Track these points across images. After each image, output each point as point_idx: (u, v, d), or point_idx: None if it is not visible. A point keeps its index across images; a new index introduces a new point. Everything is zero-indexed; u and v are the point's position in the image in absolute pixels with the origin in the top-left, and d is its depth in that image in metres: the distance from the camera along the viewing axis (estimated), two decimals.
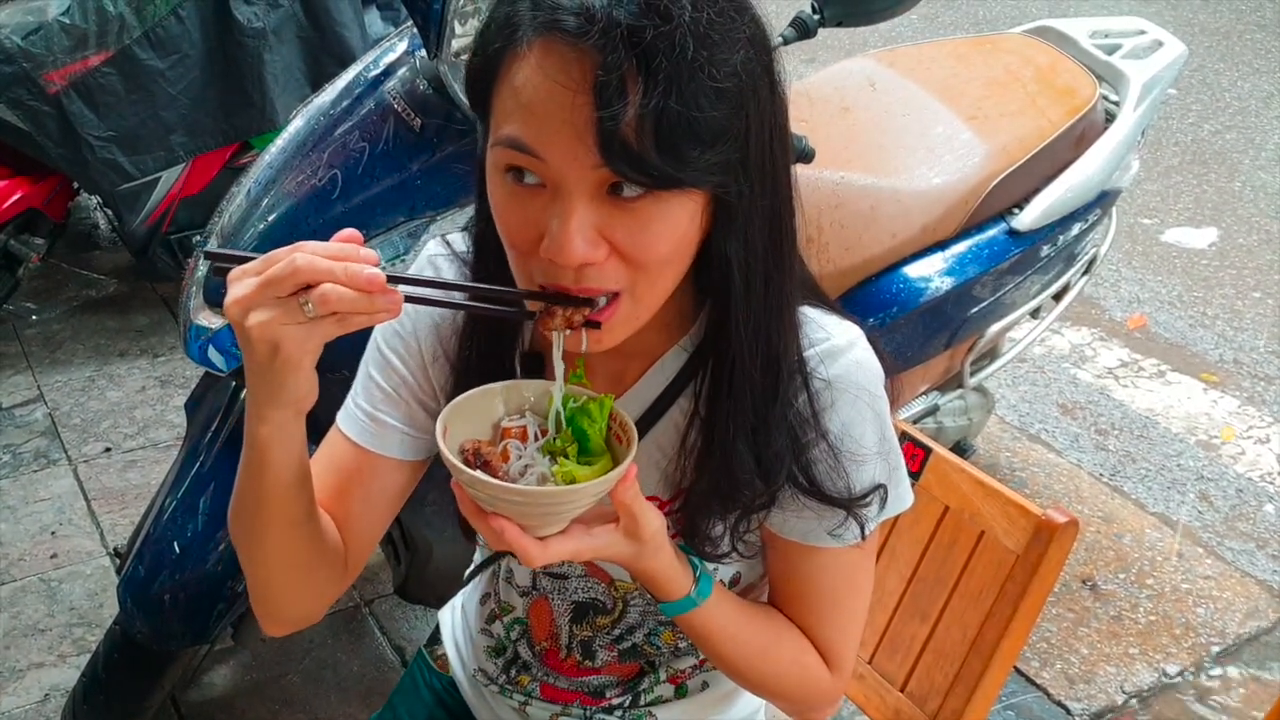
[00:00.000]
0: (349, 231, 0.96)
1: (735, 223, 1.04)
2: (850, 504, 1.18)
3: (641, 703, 1.41)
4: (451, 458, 1.02)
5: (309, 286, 0.92)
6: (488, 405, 1.11)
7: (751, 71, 0.99)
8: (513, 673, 1.45)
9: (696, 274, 1.08)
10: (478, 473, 1.01)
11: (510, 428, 1.09)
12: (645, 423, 1.22)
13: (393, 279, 0.96)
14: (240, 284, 0.93)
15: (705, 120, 0.94)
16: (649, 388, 1.22)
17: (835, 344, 1.16)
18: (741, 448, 1.14)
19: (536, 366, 1.24)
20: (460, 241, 1.26)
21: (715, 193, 1.01)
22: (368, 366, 1.30)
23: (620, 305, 1.03)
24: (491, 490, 1.00)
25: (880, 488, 1.20)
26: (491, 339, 1.22)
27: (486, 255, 1.18)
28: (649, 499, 1.22)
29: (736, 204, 1.02)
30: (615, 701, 1.41)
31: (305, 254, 0.92)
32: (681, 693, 1.42)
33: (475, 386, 1.19)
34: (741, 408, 1.12)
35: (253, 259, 0.95)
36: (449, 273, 1.26)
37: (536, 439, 1.09)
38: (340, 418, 1.29)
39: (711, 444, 1.16)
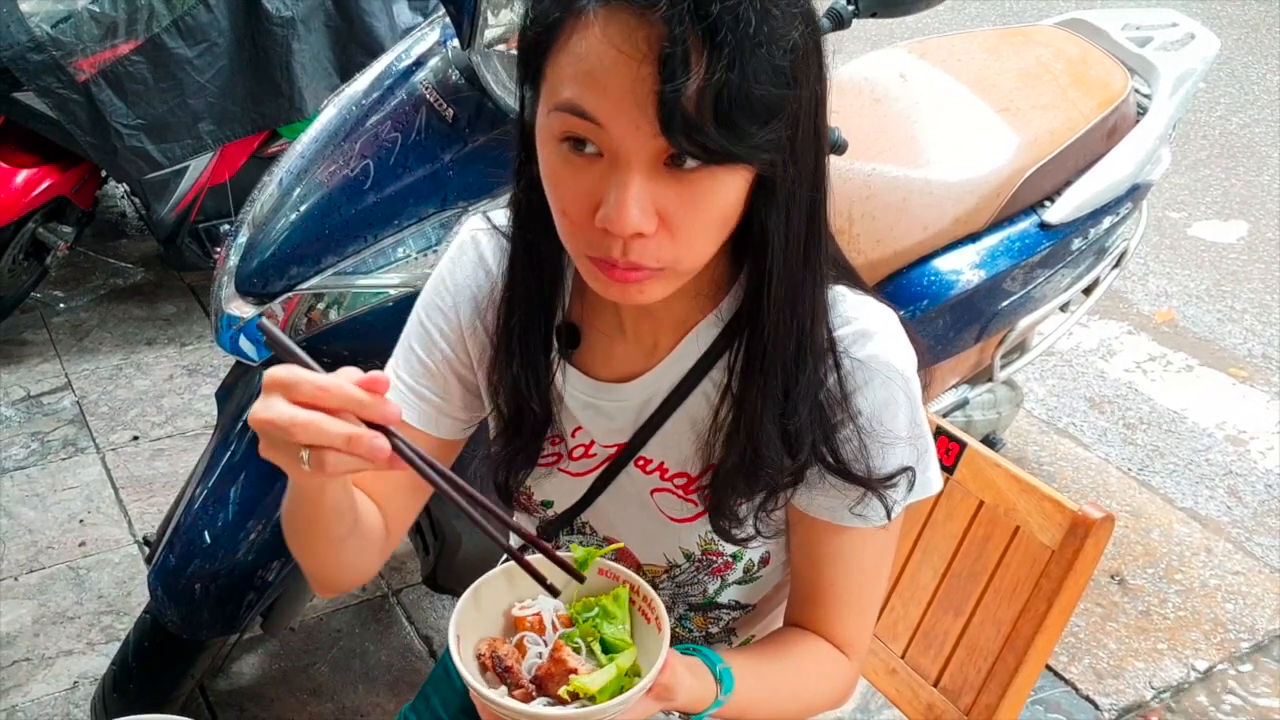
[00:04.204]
0: (376, 377, 0.95)
1: (777, 198, 1.04)
2: (876, 484, 1.18)
3: None
4: (474, 682, 1.00)
5: None
6: (495, 593, 1.08)
7: (805, 49, 0.98)
8: None
9: (732, 242, 1.08)
10: (507, 700, 0.99)
11: (524, 617, 1.07)
12: (679, 395, 1.23)
13: (398, 448, 0.95)
14: (261, 402, 0.94)
15: (763, 96, 0.94)
16: (683, 358, 1.22)
17: (868, 326, 1.16)
18: (769, 424, 1.14)
19: (573, 339, 1.25)
20: (501, 217, 1.27)
21: (764, 170, 1.00)
22: (409, 340, 1.32)
23: (659, 274, 1.04)
24: (521, 718, 0.99)
25: (908, 470, 1.20)
26: (530, 311, 1.23)
27: (525, 234, 1.19)
28: (680, 474, 1.25)
29: (780, 180, 1.02)
30: None
31: (309, 417, 0.92)
32: None
33: (513, 358, 1.22)
34: (772, 384, 1.13)
35: (298, 356, 0.95)
36: (489, 248, 1.28)
37: (555, 628, 1.06)
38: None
39: (739, 420, 1.16)
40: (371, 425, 0.95)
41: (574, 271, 1.25)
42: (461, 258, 1.30)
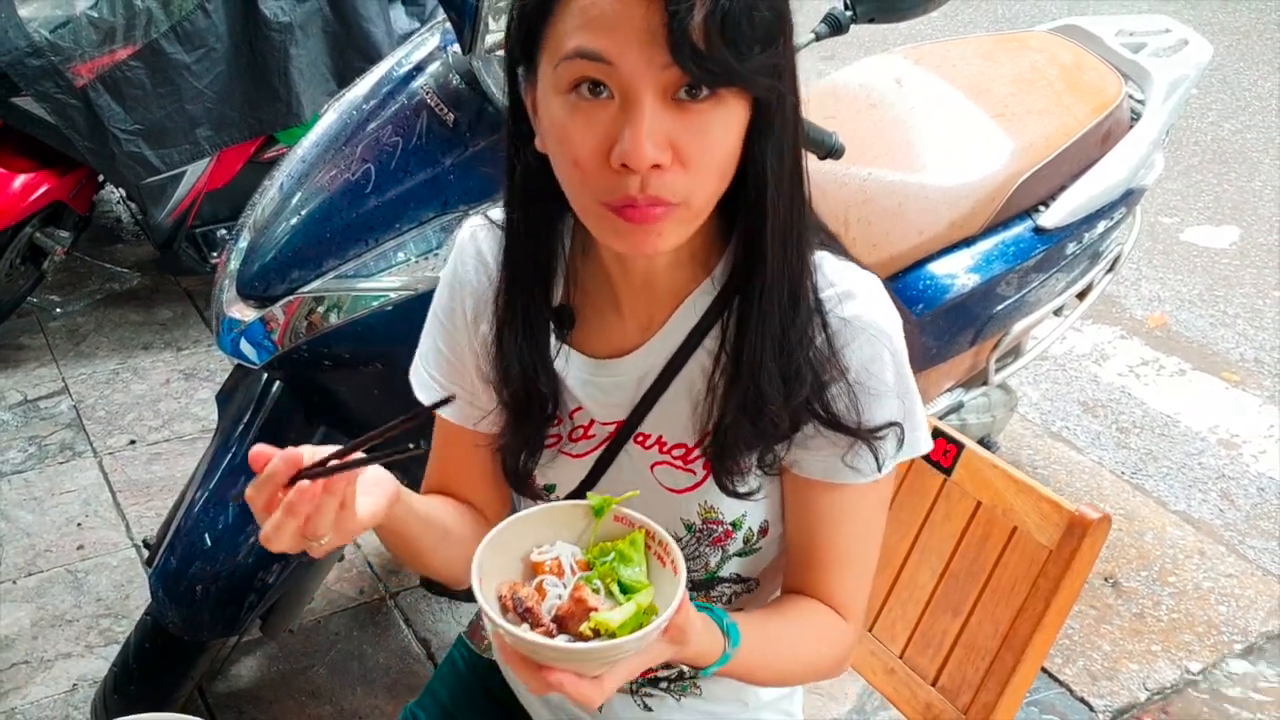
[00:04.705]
0: (255, 453, 1.04)
1: (773, 131, 1.09)
2: (865, 434, 1.21)
3: (687, 675, 1.44)
4: (498, 619, 1.01)
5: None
6: (515, 538, 1.11)
7: None
8: None
9: (723, 206, 1.13)
10: (531, 634, 1.01)
11: (542, 561, 1.09)
12: (675, 365, 1.26)
13: (311, 474, 1.02)
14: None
15: (761, 20, 1.01)
16: (678, 328, 1.26)
17: (851, 287, 1.21)
18: (769, 362, 1.17)
19: (569, 320, 1.29)
20: (499, 214, 1.31)
21: (763, 95, 1.06)
22: (435, 339, 1.37)
23: (675, 210, 1.07)
24: (549, 653, 1.00)
25: (896, 425, 1.23)
26: (531, 294, 1.27)
27: (521, 219, 1.24)
28: (678, 445, 1.29)
29: (775, 112, 1.08)
30: (660, 675, 1.44)
31: (265, 529, 1.03)
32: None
33: (518, 341, 1.27)
34: (770, 326, 1.17)
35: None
36: (486, 243, 1.32)
37: (573, 571, 1.08)
38: (420, 393, 1.38)
39: (740, 365, 1.19)
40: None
41: (568, 255, 1.29)
42: (463, 254, 1.34)
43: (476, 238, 1.33)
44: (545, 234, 1.25)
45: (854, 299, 1.20)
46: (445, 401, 1.08)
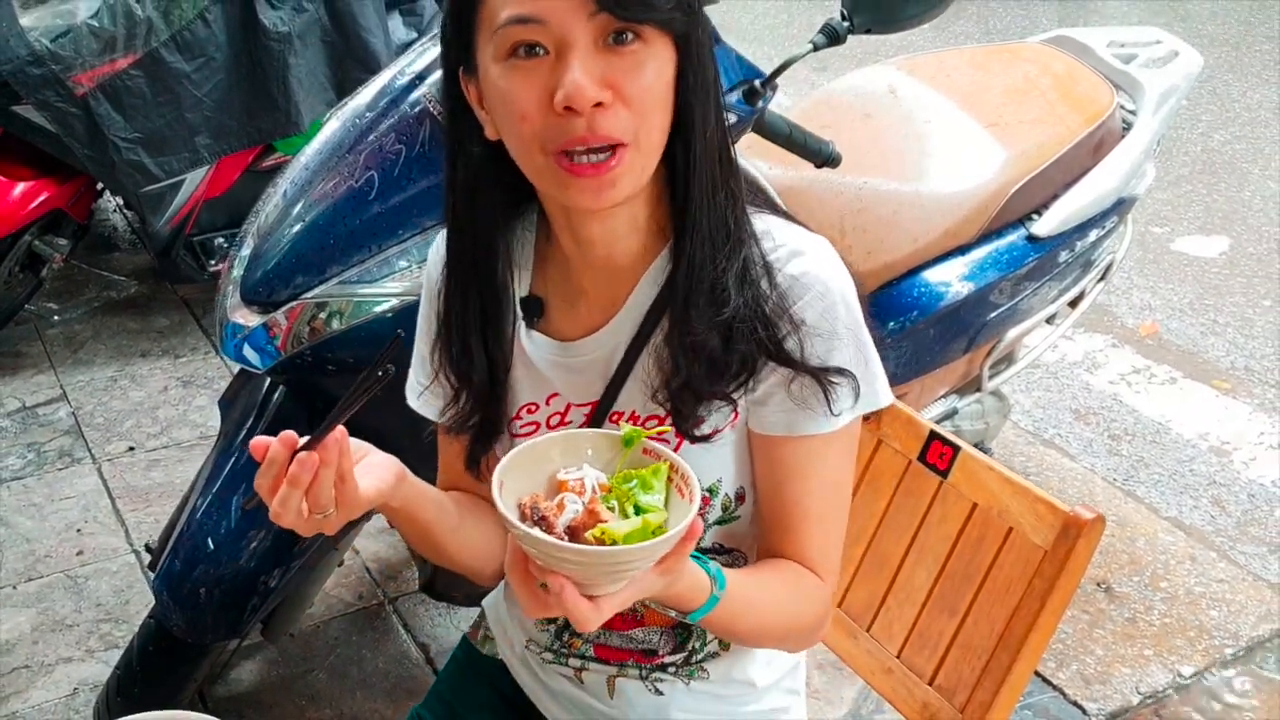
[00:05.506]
0: (253, 445, 1.10)
1: (695, 72, 1.17)
2: (819, 373, 1.25)
3: (694, 660, 1.46)
4: (509, 514, 1.04)
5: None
6: (543, 458, 1.13)
7: None
8: (566, 637, 1.49)
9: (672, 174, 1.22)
10: (536, 531, 1.02)
11: (566, 480, 1.11)
12: (641, 339, 1.31)
13: (307, 447, 1.09)
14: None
15: None
16: (641, 302, 1.30)
17: (798, 245, 1.27)
18: (700, 288, 1.23)
19: (535, 308, 1.35)
20: None
21: (682, 30, 1.14)
22: (420, 344, 1.42)
23: (626, 154, 1.14)
24: (555, 551, 1.01)
25: (850, 376, 1.27)
26: (467, 292, 1.32)
27: (462, 218, 1.30)
28: (650, 417, 1.32)
29: (695, 54, 1.17)
30: (668, 660, 1.46)
31: (272, 509, 1.10)
32: (727, 644, 1.46)
33: (451, 343, 1.33)
34: (699, 255, 1.22)
35: None
36: None
37: (595, 492, 1.10)
38: (415, 404, 1.44)
39: (674, 293, 1.24)
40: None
41: (532, 246, 1.36)
42: (435, 261, 1.40)
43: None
44: (495, 225, 1.30)
45: (802, 256, 1.25)
46: (394, 341, 1.11)
